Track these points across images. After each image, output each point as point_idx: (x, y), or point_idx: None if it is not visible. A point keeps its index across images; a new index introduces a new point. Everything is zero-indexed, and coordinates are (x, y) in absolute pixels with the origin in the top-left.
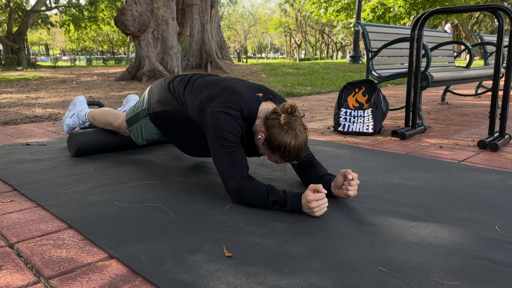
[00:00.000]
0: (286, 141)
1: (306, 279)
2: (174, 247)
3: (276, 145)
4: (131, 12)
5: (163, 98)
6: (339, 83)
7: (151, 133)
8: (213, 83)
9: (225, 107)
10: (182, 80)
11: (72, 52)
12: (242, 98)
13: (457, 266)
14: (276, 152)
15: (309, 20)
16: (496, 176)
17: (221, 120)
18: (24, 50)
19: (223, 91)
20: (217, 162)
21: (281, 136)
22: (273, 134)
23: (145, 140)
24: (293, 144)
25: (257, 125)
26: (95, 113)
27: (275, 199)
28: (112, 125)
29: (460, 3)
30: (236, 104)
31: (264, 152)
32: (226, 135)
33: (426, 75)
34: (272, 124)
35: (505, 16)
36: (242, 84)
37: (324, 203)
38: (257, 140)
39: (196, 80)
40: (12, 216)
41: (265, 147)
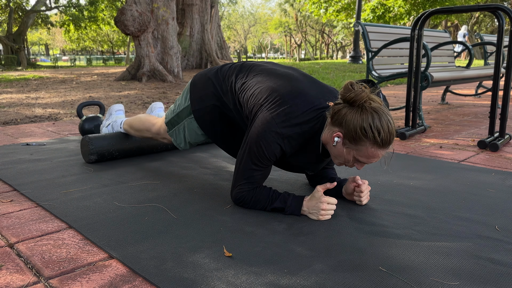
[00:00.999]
0: (369, 120)
1: (306, 279)
2: (174, 247)
3: (359, 130)
4: (131, 12)
5: (211, 91)
6: (339, 83)
7: (196, 135)
8: (279, 77)
9: (282, 122)
10: (232, 68)
11: (72, 52)
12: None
13: (457, 266)
14: (364, 140)
15: (309, 20)
16: (496, 176)
17: (266, 139)
18: (24, 50)
19: (290, 93)
20: (237, 166)
21: (358, 117)
22: (349, 121)
23: (188, 144)
24: (379, 121)
25: (325, 133)
26: (131, 121)
27: (274, 207)
28: (151, 131)
29: (460, 3)
30: (298, 120)
31: (350, 154)
32: (260, 157)
33: (426, 75)
34: (341, 113)
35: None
36: (312, 85)
37: (333, 208)
38: (334, 149)
39: (253, 67)
40: (12, 216)
41: (348, 146)
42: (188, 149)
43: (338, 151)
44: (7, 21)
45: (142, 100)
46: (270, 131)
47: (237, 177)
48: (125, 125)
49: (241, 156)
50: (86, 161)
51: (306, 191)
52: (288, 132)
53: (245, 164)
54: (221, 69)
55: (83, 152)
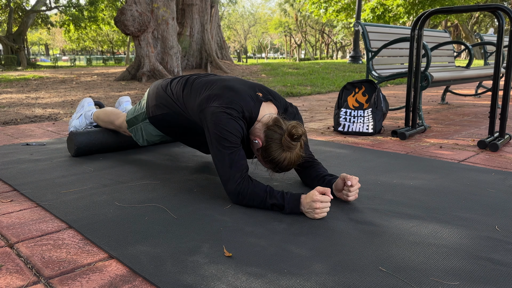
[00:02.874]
0: (281, 159)
1: (306, 279)
2: (174, 247)
3: (270, 158)
4: (131, 12)
5: (161, 102)
6: (339, 83)
7: (152, 135)
8: (213, 83)
9: (226, 108)
10: (180, 82)
11: (72, 52)
12: (242, 98)
13: (457, 266)
14: (268, 163)
15: (309, 20)
16: (496, 176)
17: (222, 120)
18: (24, 50)
19: (223, 91)
20: (217, 162)
21: (278, 153)
22: (270, 147)
23: (146, 141)
24: (286, 163)
25: (256, 129)
26: (99, 112)
27: (274, 203)
28: (114, 124)
29: (460, 3)
30: (237, 105)
31: (257, 156)
32: (226, 136)
33: (426, 75)
34: (273, 138)
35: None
36: (241, 83)
37: (327, 206)
38: (252, 143)
39: (195, 81)
40: (12, 216)
41: (259, 153)
42: (146, 145)
43: (253, 146)
44: (7, 21)
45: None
46: (220, 113)
47: (221, 171)
48: (94, 116)
49: (213, 151)
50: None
51: (305, 191)
52: (234, 113)
53: (219, 154)
54: (171, 82)
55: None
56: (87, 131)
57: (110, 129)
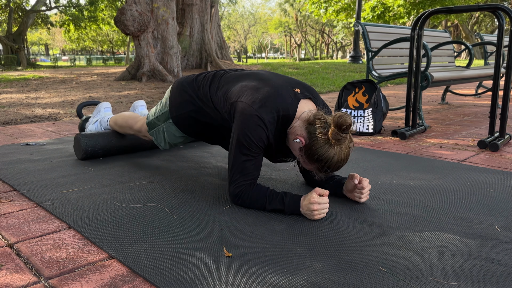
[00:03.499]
0: (329, 155)
1: (306, 279)
2: (174, 247)
3: (317, 156)
4: (131, 12)
5: (186, 98)
6: (339, 83)
7: (174, 137)
8: (247, 76)
9: (259, 107)
10: (206, 77)
11: (72, 52)
12: (279, 95)
13: (457, 266)
14: (314, 162)
15: (309, 20)
16: (496, 176)
17: (249, 126)
18: (24, 50)
19: (259, 84)
20: (230, 161)
21: (325, 149)
22: (316, 144)
23: (168, 144)
24: (336, 159)
25: (296, 127)
26: (116, 117)
27: (273, 208)
28: (133, 128)
29: (460, 3)
30: (272, 104)
31: (300, 157)
32: (248, 144)
33: (426, 75)
34: (317, 133)
35: (505, 16)
36: (278, 77)
37: (326, 208)
38: (292, 143)
39: (224, 75)
40: (12, 216)
41: (302, 153)
42: (168, 148)
43: (294, 147)
44: (7, 21)
45: (141, 100)
46: (251, 116)
47: (231, 172)
48: (110, 121)
49: (231, 151)
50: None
51: (306, 191)
52: (267, 115)
53: (236, 157)
54: (196, 78)
55: (76, 149)
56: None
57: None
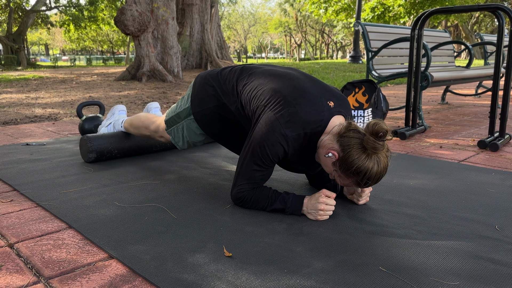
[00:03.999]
0: (368, 167)
1: (306, 279)
2: (174, 247)
3: (354, 169)
4: (131, 12)
5: (211, 92)
6: (339, 83)
7: (195, 134)
8: (280, 76)
9: (286, 122)
10: (233, 71)
11: (72, 52)
12: (311, 112)
13: (457, 266)
14: (352, 176)
15: (309, 20)
16: (496, 176)
17: (269, 140)
18: (24, 50)
19: (293, 94)
20: (239, 165)
21: (362, 160)
22: (351, 155)
23: (186, 143)
24: (375, 170)
25: (326, 140)
26: (132, 119)
27: (274, 208)
28: (149, 129)
29: (460, 3)
30: (301, 121)
31: (334, 173)
32: (263, 157)
33: (426, 75)
34: (351, 144)
35: (505, 16)
36: (314, 85)
37: (331, 210)
38: (324, 159)
39: (254, 70)
40: (12, 216)
41: (336, 168)
42: (185, 149)
43: (326, 162)
44: (7, 21)
45: (142, 100)
46: (274, 131)
47: (238, 176)
48: (125, 123)
49: (243, 156)
50: (85, 161)
51: (306, 191)
52: (292, 133)
53: (247, 165)
54: (221, 72)
55: (82, 152)
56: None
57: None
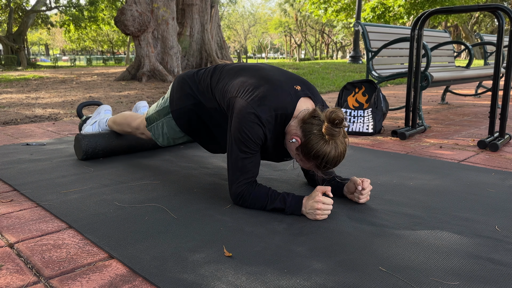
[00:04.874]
0: (326, 151)
1: (306, 279)
2: (174, 247)
3: (313, 153)
4: (131, 12)
5: (187, 91)
6: (339, 83)
7: (174, 131)
8: (248, 70)
9: (258, 106)
10: (207, 70)
11: (72, 52)
12: (279, 93)
13: (457, 266)
14: (311, 160)
15: (309, 20)
16: (496, 176)
17: (247, 123)
18: (24, 50)
19: (259, 81)
20: (229, 161)
21: (320, 145)
22: (311, 141)
23: (166, 140)
24: (333, 155)
25: (292, 126)
26: (116, 116)
27: (274, 207)
28: (131, 126)
29: (460, 3)
30: (271, 101)
31: (297, 157)
32: (246, 141)
33: (426, 75)
34: (311, 130)
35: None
36: (280, 73)
37: (329, 208)
38: (289, 144)
39: (225, 67)
40: (12, 216)
41: (299, 152)
42: (165, 145)
43: (291, 147)
44: (7, 21)
45: (142, 100)
46: (248, 114)
47: (230, 171)
48: (109, 121)
49: (229, 148)
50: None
51: (306, 191)
52: (265, 114)
53: (234, 155)
54: (197, 72)
55: (76, 149)
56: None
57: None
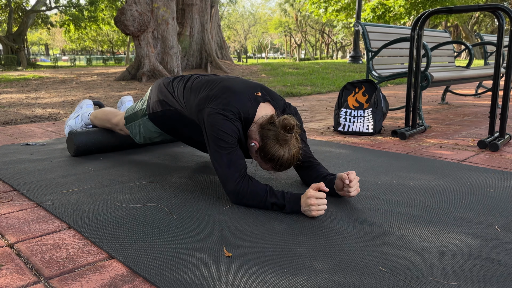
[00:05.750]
0: (280, 154)
1: (306, 279)
2: (174, 247)
3: (269, 156)
4: (131, 12)
5: (163, 98)
6: (339, 83)
7: (150, 132)
8: (212, 83)
9: (223, 109)
10: (182, 80)
11: (72, 52)
12: (239, 100)
13: (457, 266)
14: (268, 162)
15: (309, 20)
16: (496, 176)
17: (218, 122)
18: (24, 50)
19: (221, 91)
20: (215, 163)
21: (275, 149)
22: (267, 145)
23: (143, 138)
24: (286, 158)
25: (252, 131)
26: (97, 112)
27: (274, 202)
28: (111, 122)
29: (460, 3)
30: (233, 106)
31: (256, 159)
32: (222, 136)
33: (426, 75)
34: (268, 136)
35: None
36: (241, 83)
37: (323, 203)
38: (250, 147)
39: (196, 80)
40: (12, 216)
41: (257, 155)
42: (142, 142)
43: (251, 150)
44: (7, 21)
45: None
46: (217, 116)
47: (220, 172)
48: (91, 116)
49: (212, 153)
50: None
51: (304, 191)
52: (230, 115)
53: (218, 154)
54: (173, 82)
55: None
56: (87, 130)
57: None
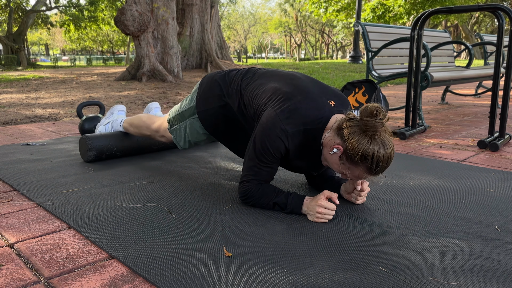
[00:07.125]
0: (373, 149)
1: (306, 278)
2: (174, 247)
3: (360, 154)
4: (131, 12)
5: (216, 92)
6: (339, 83)
7: (197, 134)
8: (282, 76)
9: (286, 118)
10: (240, 72)
11: (72, 52)
12: (311, 108)
13: (457, 266)
14: (360, 164)
15: (309, 20)
16: (496, 176)
17: (270, 137)
18: (24, 50)
19: (293, 91)
20: (246, 163)
21: (365, 143)
22: (354, 142)
23: (187, 143)
24: (382, 153)
25: (328, 138)
26: (132, 119)
27: (276, 201)
28: (150, 128)
29: (460, 3)
30: (300, 116)
31: (342, 168)
32: (266, 153)
33: (426, 75)
34: (351, 132)
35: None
36: (314, 84)
37: (330, 214)
38: (330, 156)
39: (258, 71)
40: (12, 216)
41: (343, 161)
42: (187, 148)
43: (333, 160)
44: (7, 21)
45: (142, 100)
46: (274, 127)
47: (245, 172)
48: (125, 123)
49: (248, 153)
50: (85, 160)
51: (306, 191)
52: (292, 129)
53: (251, 161)
54: (229, 73)
55: (82, 152)
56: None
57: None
